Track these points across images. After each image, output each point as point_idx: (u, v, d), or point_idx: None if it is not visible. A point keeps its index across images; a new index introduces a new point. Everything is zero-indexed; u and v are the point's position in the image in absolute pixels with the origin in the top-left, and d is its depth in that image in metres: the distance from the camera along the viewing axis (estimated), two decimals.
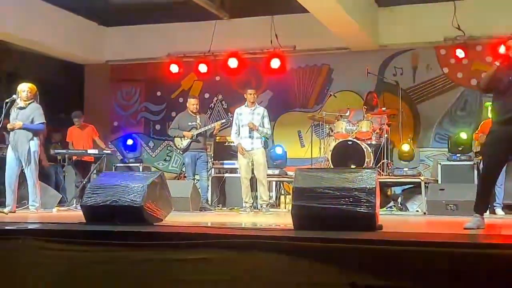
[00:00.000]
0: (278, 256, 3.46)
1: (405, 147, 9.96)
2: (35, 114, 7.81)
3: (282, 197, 10.40)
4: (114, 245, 3.87)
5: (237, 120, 8.95)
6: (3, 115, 7.73)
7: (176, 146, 9.81)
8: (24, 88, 7.81)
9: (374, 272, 3.24)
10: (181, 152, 9.73)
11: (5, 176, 7.76)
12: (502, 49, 5.19)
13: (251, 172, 8.90)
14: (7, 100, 7.81)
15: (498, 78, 5.10)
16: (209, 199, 9.75)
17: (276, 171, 9.95)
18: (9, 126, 7.80)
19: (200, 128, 9.45)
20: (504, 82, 5.08)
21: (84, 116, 10.56)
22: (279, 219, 7.23)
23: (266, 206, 8.77)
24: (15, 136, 7.76)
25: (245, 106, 8.98)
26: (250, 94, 8.93)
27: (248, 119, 8.81)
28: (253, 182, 9.17)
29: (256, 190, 9.24)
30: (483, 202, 5.24)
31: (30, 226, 4.80)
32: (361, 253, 3.31)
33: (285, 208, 9.66)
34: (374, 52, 10.83)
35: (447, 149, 10.17)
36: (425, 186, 8.90)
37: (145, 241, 3.85)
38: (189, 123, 9.50)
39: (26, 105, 7.81)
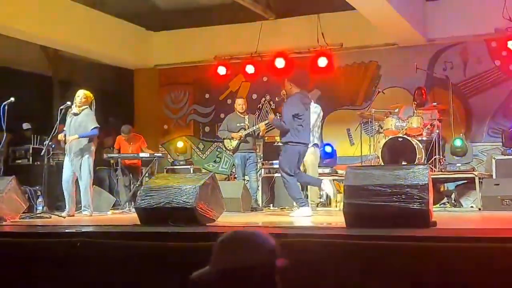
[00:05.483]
0: (331, 255, 3.46)
1: (458, 142, 9.76)
2: (88, 120, 7.85)
3: None
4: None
5: None
6: (58, 121, 7.95)
7: (226, 148, 9.87)
8: (79, 94, 7.91)
9: (429, 269, 3.20)
10: (231, 153, 9.79)
11: (62, 181, 7.90)
12: None
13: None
14: (61, 107, 7.98)
15: None
16: (260, 199, 9.77)
17: (326, 170, 9.89)
18: (60, 138, 7.97)
19: (248, 128, 9.47)
20: None
21: (133, 128, 10.76)
22: (331, 217, 7.20)
23: (316, 206, 8.66)
24: (70, 143, 7.84)
25: None
26: None
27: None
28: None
29: (306, 190, 9.20)
30: None
31: (87, 229, 4.92)
32: (416, 250, 3.28)
33: (336, 206, 9.60)
34: (422, 47, 10.68)
35: (501, 143, 9.93)
36: (479, 181, 8.72)
37: (199, 241, 3.90)
38: (238, 124, 9.53)
39: (79, 111, 7.87)
